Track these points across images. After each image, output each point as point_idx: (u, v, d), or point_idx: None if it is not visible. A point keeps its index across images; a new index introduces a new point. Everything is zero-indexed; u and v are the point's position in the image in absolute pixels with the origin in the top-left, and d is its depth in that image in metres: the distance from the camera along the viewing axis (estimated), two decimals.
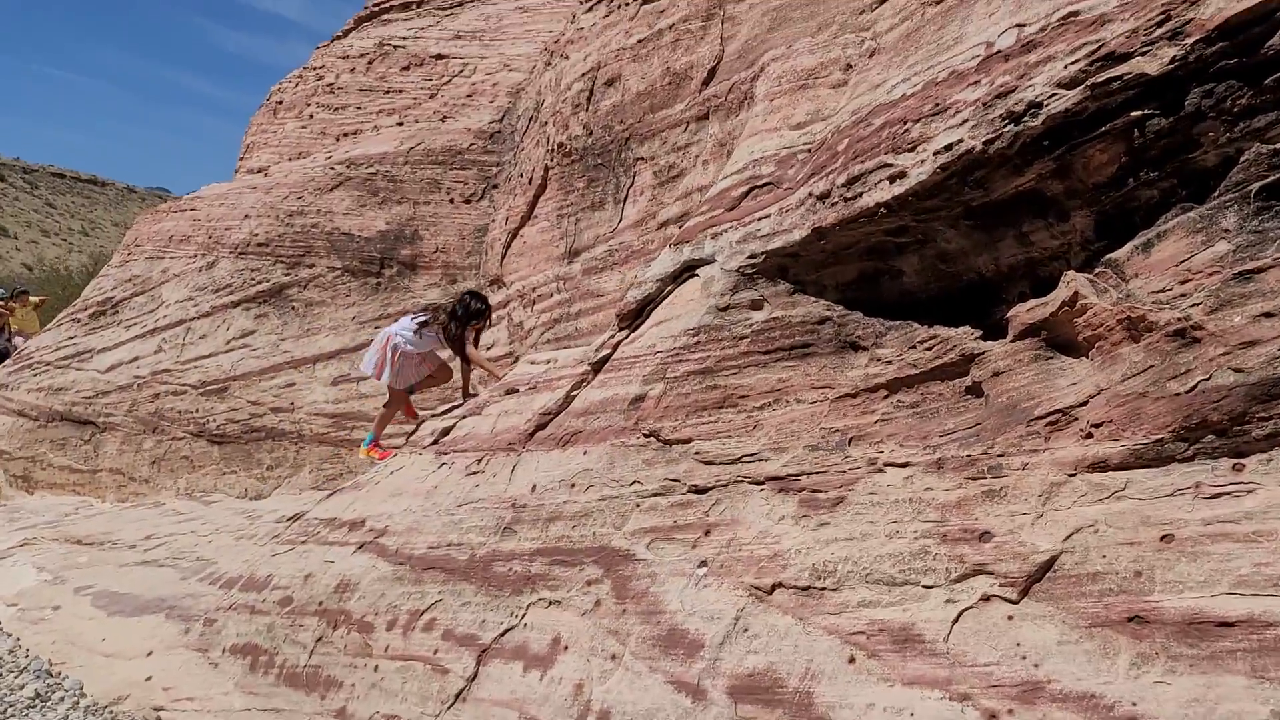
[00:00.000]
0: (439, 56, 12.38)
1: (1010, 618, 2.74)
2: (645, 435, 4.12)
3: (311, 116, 13.44)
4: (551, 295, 6.60)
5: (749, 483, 3.73)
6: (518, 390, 5.70)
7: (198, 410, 9.52)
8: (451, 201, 8.80)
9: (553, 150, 6.87)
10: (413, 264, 8.71)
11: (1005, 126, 3.01)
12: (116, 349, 10.92)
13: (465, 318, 6.99)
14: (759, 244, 3.98)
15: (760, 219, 4.04)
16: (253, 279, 9.66)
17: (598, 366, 4.76)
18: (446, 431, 6.22)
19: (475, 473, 4.98)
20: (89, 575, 7.56)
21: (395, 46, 13.32)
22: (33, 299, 15.68)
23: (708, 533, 3.71)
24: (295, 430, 8.78)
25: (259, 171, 12.79)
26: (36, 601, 7.12)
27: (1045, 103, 2.90)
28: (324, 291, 9.11)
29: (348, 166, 9.55)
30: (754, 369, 3.95)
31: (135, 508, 9.44)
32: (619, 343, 4.71)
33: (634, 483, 4.05)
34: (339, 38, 16.03)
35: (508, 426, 5.16)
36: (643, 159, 5.83)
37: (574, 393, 4.77)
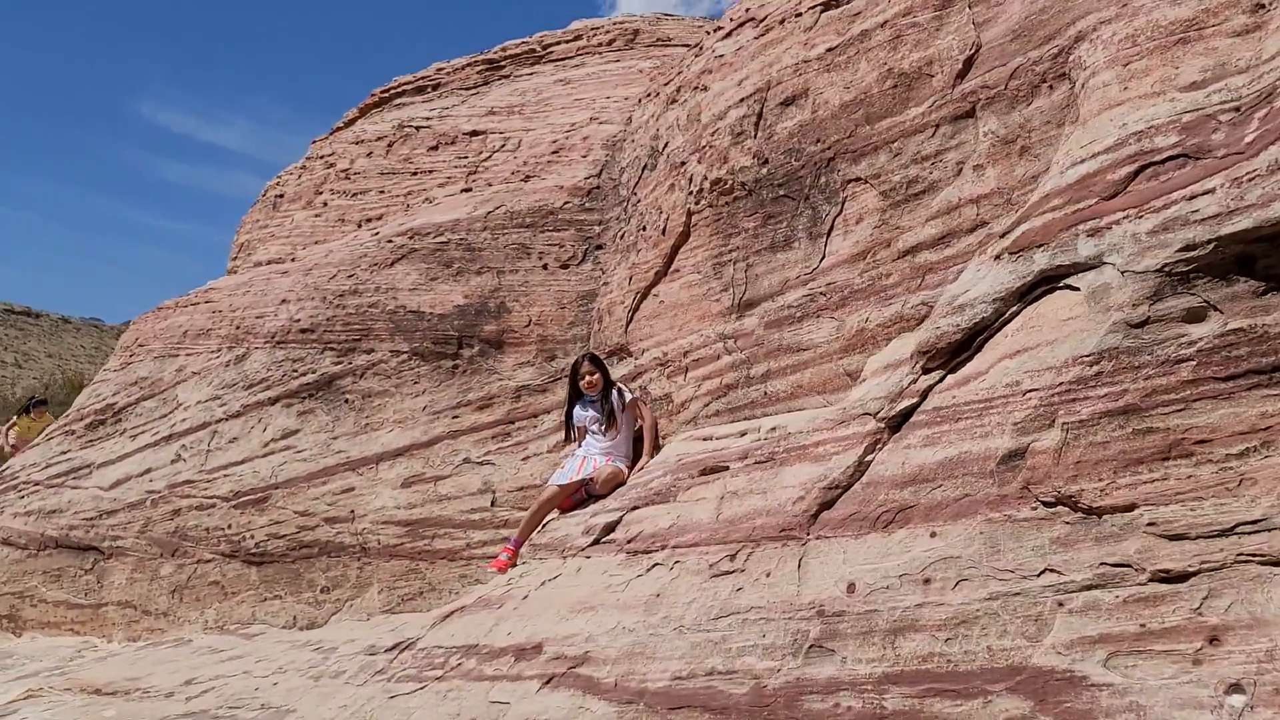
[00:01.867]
0: (474, 133, 11.41)
1: None
2: (1046, 504, 2.92)
3: (325, 204, 12.36)
4: (717, 358, 5.43)
5: (1260, 563, 2.55)
6: (726, 467, 4.48)
7: (230, 526, 8.07)
8: (545, 267, 7.63)
9: (698, 191, 5.80)
10: (499, 341, 7.46)
11: None
12: (122, 461, 9.44)
13: (572, 386, 6.32)
14: (1199, 230, 2.88)
15: (1189, 198, 2.95)
16: (294, 370, 8.32)
17: (897, 422, 3.58)
18: (610, 528, 4.96)
19: (727, 573, 3.72)
20: None
21: (418, 127, 12.39)
22: (48, 414, 14.00)
23: (1213, 640, 2.50)
24: (357, 543, 7.37)
25: (269, 264, 11.60)
26: None
27: None
28: (386, 380, 7.80)
29: (410, 238, 8.35)
30: (1209, 402, 2.80)
31: (156, 647, 7.87)
32: (928, 388, 3.55)
33: (1044, 571, 2.84)
34: (341, 128, 15.12)
35: (752, 510, 3.92)
36: (858, 179, 4.76)
37: (868, 458, 3.57)
